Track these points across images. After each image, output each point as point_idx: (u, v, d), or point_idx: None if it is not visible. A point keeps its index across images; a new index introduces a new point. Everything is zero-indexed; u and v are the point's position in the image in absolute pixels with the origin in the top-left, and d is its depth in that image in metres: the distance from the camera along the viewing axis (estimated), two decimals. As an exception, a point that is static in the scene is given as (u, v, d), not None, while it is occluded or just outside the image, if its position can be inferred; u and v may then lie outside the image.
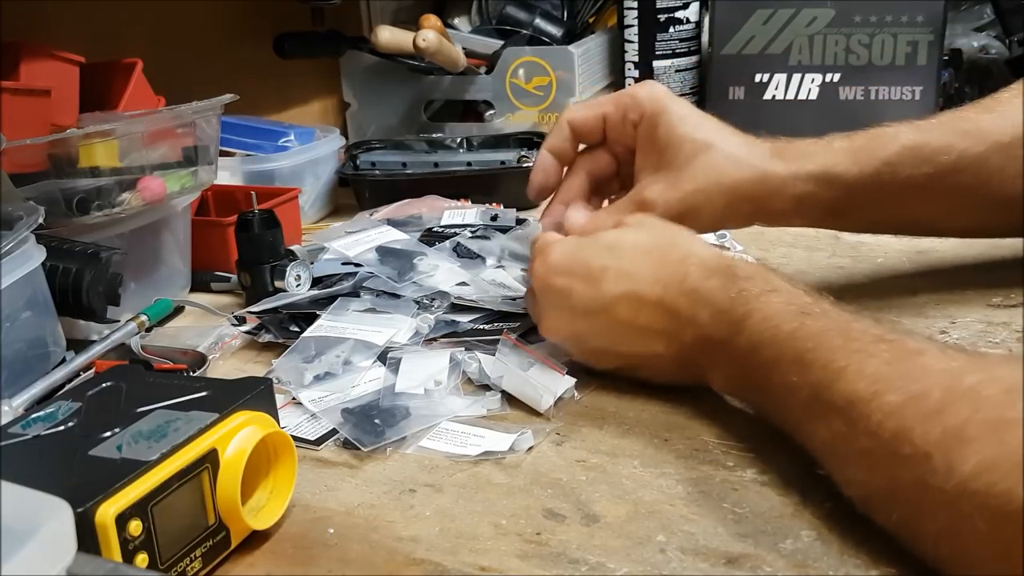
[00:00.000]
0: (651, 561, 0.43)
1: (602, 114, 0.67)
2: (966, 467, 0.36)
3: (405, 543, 0.46)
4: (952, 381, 0.39)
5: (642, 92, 0.66)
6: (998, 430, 0.36)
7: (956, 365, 0.41)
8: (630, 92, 0.66)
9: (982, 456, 0.36)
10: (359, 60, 1.27)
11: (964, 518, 0.36)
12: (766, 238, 0.85)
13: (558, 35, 1.33)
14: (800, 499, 0.46)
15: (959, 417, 0.38)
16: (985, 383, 0.39)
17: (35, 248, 0.61)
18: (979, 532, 0.36)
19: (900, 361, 0.42)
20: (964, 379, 0.39)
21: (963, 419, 0.37)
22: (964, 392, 0.39)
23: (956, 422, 0.38)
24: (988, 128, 0.64)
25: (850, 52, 1.17)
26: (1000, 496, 0.35)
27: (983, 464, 0.36)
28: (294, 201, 0.91)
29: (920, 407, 0.39)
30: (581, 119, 0.68)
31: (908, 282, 0.73)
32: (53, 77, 0.76)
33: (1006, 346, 0.61)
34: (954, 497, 0.36)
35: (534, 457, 0.53)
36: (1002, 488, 0.35)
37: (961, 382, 0.39)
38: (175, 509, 0.41)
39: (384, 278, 0.73)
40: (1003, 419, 0.36)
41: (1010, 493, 0.35)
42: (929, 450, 0.38)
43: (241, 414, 0.45)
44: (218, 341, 0.69)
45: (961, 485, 0.36)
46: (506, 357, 0.60)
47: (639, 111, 0.65)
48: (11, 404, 0.57)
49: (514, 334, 0.64)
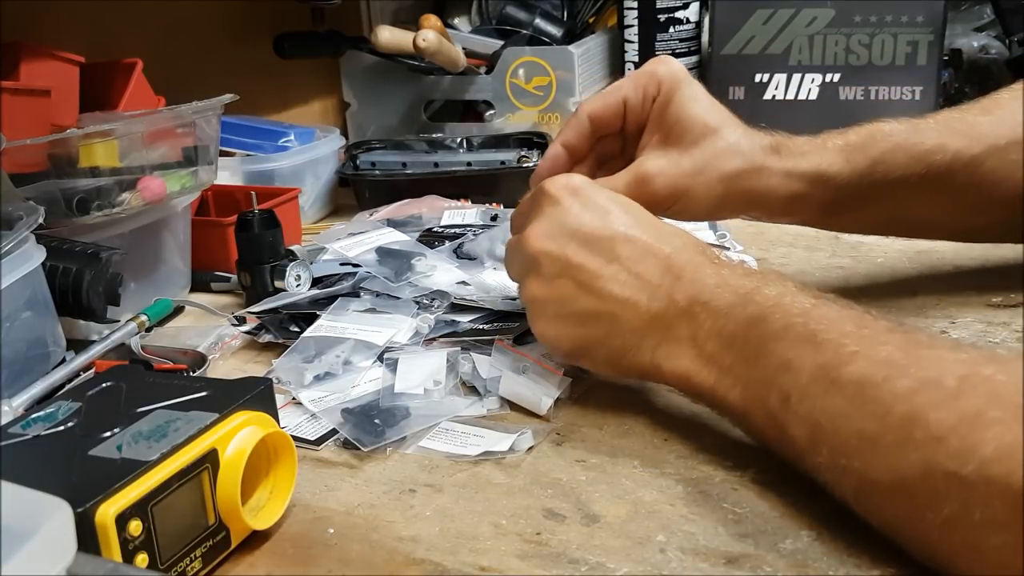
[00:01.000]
0: (651, 561, 0.43)
1: (622, 98, 0.65)
2: (985, 451, 0.36)
3: (405, 543, 0.46)
4: (967, 369, 0.39)
5: (661, 69, 0.64)
6: (1019, 417, 0.36)
7: (969, 356, 0.40)
8: (648, 70, 0.65)
9: (1001, 442, 0.36)
10: (359, 60, 1.27)
11: (980, 504, 0.36)
12: (766, 238, 0.85)
13: (558, 35, 1.33)
14: (800, 499, 0.46)
15: (976, 403, 0.37)
16: (1000, 372, 0.38)
17: (35, 248, 0.61)
18: (995, 519, 0.35)
19: (913, 348, 0.42)
20: (980, 368, 0.39)
21: (980, 405, 0.37)
22: (981, 380, 0.38)
23: (973, 408, 0.37)
24: (985, 130, 0.63)
25: (850, 52, 1.17)
26: (1021, 482, 0.34)
27: (1003, 450, 0.35)
28: (294, 201, 0.91)
29: (935, 393, 0.39)
30: (601, 110, 0.65)
31: (908, 282, 0.73)
32: (53, 77, 0.76)
33: (1006, 346, 0.61)
34: (971, 482, 0.36)
35: (534, 457, 0.53)
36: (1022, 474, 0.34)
37: (977, 371, 0.39)
38: (175, 509, 0.41)
39: (381, 279, 0.73)
40: (1021, 406, 0.36)
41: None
42: (944, 434, 0.37)
43: (241, 414, 0.45)
44: (218, 341, 0.69)
45: (979, 470, 0.36)
46: (500, 363, 0.60)
47: (657, 86, 0.64)
48: (11, 404, 0.57)
49: (509, 338, 0.63)
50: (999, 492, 0.35)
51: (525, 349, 0.62)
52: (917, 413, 0.39)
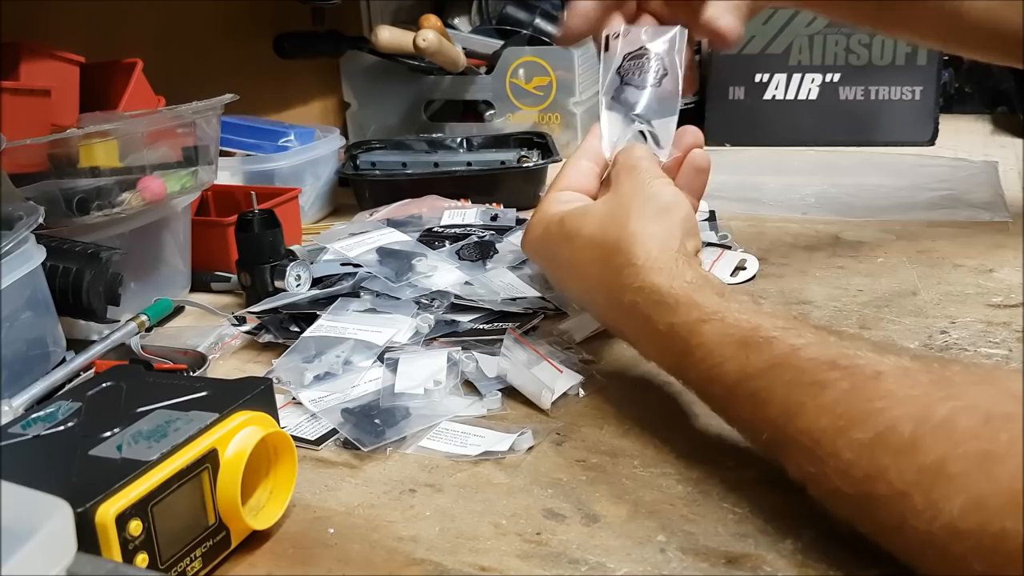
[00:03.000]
0: (651, 561, 0.43)
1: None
2: (952, 506, 0.34)
3: (405, 543, 0.46)
4: (921, 411, 0.37)
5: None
6: (983, 465, 0.34)
7: (920, 392, 0.38)
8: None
9: (968, 494, 0.34)
10: (359, 60, 1.27)
11: (956, 560, 0.34)
12: (766, 238, 0.85)
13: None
14: (800, 499, 0.46)
15: (935, 453, 0.35)
16: (959, 412, 0.36)
17: (35, 248, 0.61)
18: (975, 574, 0.34)
19: (859, 388, 0.39)
20: (934, 409, 0.36)
21: (940, 455, 0.35)
22: (937, 424, 0.36)
23: (933, 459, 0.35)
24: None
25: (850, 52, 1.17)
26: (995, 536, 0.33)
27: (971, 503, 0.34)
28: (294, 201, 0.91)
29: (890, 443, 0.37)
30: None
31: (908, 282, 0.73)
32: (53, 77, 0.76)
33: (1006, 346, 0.61)
34: (942, 539, 0.34)
35: (534, 457, 0.53)
36: (997, 528, 0.33)
37: (932, 413, 0.36)
38: (175, 509, 0.41)
39: (382, 279, 0.73)
40: (985, 452, 0.34)
41: (1005, 532, 0.32)
42: (906, 489, 0.36)
43: (241, 414, 0.45)
44: (218, 341, 0.69)
45: (949, 526, 0.34)
46: (511, 352, 0.60)
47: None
48: (11, 404, 0.57)
49: (518, 331, 0.64)
50: (972, 548, 0.33)
51: (534, 343, 0.62)
52: (878, 469, 0.37)
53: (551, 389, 0.57)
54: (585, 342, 0.65)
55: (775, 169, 1.05)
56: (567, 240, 0.56)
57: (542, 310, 0.70)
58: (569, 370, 0.60)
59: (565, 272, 0.57)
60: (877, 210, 0.91)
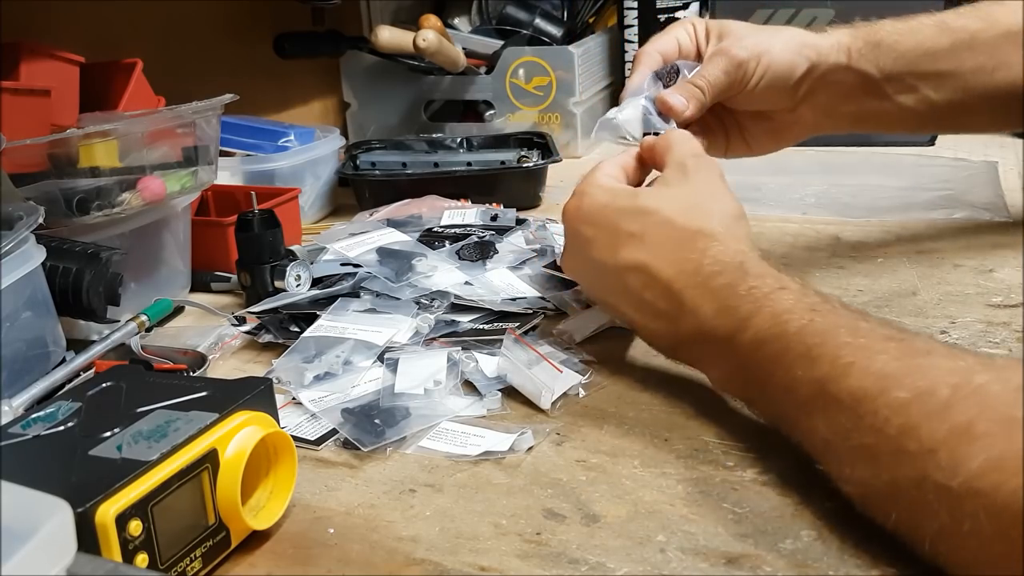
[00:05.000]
0: (651, 561, 0.43)
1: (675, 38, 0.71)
2: (972, 464, 0.36)
3: (405, 543, 0.46)
4: (961, 379, 0.39)
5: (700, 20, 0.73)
6: (1006, 428, 0.36)
7: (964, 364, 0.40)
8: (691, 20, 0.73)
9: (989, 454, 0.36)
10: (359, 60, 1.27)
11: (967, 516, 0.36)
12: (766, 238, 0.85)
13: (558, 35, 1.33)
14: (800, 499, 0.46)
15: (967, 414, 0.37)
16: (993, 382, 0.38)
17: (35, 248, 0.61)
18: (983, 531, 0.35)
19: (908, 358, 0.42)
20: (973, 377, 0.39)
21: (971, 416, 0.37)
22: (973, 390, 0.38)
23: (964, 419, 0.37)
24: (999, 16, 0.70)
25: (850, 52, 1.17)
26: (1007, 495, 0.35)
27: (990, 462, 0.36)
28: (294, 201, 0.91)
29: (927, 404, 0.39)
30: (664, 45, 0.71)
31: (908, 282, 0.73)
32: (53, 77, 0.76)
33: (1006, 346, 0.61)
34: (958, 495, 0.36)
35: (534, 457, 0.53)
36: (1010, 487, 0.35)
37: (970, 380, 0.39)
38: (175, 509, 0.41)
39: (382, 279, 0.73)
40: (1011, 417, 0.36)
41: (1016, 493, 0.34)
42: (935, 447, 0.38)
43: (241, 414, 0.45)
44: (218, 341, 0.69)
45: (966, 483, 0.36)
46: (510, 352, 0.60)
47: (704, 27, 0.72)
48: (11, 404, 0.57)
49: (518, 331, 0.64)
50: (984, 505, 0.35)
51: (534, 343, 0.62)
52: (911, 426, 0.39)
53: (551, 389, 0.57)
54: (585, 342, 0.65)
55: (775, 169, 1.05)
56: (642, 214, 0.58)
57: (542, 310, 0.70)
58: (569, 370, 0.60)
59: (623, 240, 0.58)
60: (877, 210, 0.90)
